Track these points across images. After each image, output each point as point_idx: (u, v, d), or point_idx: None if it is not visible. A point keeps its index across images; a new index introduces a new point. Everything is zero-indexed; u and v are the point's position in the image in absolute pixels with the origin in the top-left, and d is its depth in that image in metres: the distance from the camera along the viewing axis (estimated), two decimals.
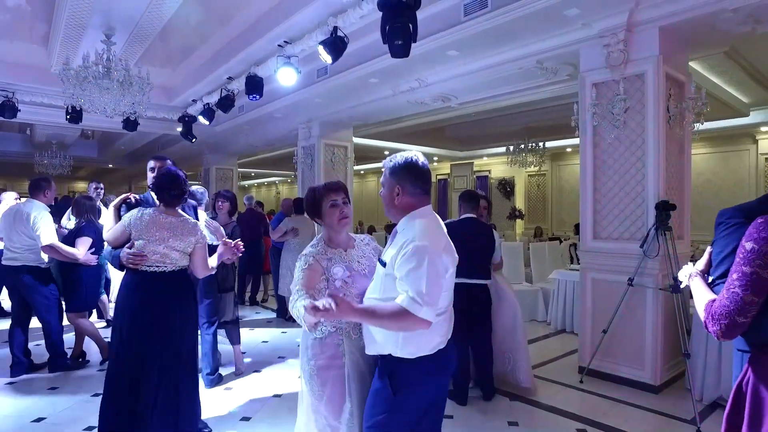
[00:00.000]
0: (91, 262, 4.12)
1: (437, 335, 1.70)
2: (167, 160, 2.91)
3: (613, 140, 4.06)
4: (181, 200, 2.66)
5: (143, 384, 2.49)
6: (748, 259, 1.23)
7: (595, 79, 4.16)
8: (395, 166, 1.74)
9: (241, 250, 2.76)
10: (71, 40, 5.04)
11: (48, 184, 4.18)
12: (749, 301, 1.22)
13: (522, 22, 4.12)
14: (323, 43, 4.15)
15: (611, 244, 4.11)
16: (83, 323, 4.26)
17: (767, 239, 1.21)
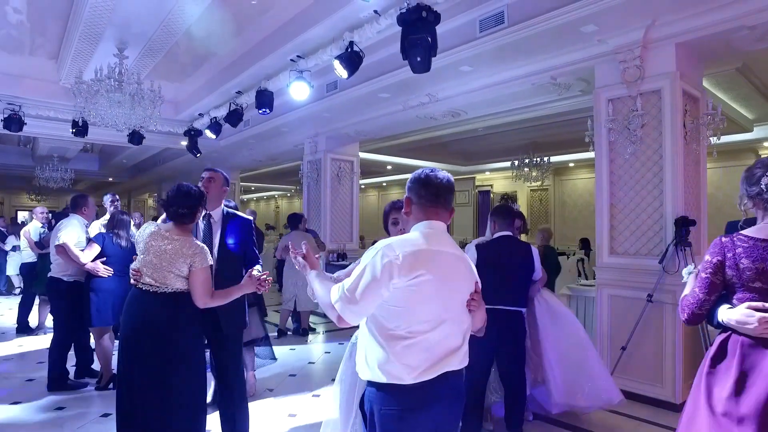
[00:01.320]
0: (96, 271, 3.92)
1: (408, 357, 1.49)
2: (219, 172, 2.87)
3: (629, 156, 4.05)
4: (188, 218, 2.46)
5: (131, 407, 2.37)
6: (704, 268, 1.67)
7: (610, 95, 4.17)
8: (410, 179, 1.71)
9: (268, 284, 2.48)
10: (84, 53, 5.03)
11: (84, 200, 4.35)
12: (704, 300, 1.66)
13: (538, 38, 4.15)
14: (339, 57, 4.15)
15: (628, 259, 4.08)
16: (102, 341, 4.05)
17: (716, 254, 1.65)
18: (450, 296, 1.55)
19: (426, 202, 1.62)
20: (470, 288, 1.63)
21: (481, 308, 1.67)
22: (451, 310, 1.55)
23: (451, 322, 1.55)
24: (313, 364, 4.97)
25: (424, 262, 1.49)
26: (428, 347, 1.50)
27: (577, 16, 3.78)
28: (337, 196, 7.95)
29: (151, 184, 15.09)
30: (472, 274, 1.67)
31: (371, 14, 4.03)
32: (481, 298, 1.67)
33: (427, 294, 1.49)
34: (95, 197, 19.22)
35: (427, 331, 1.50)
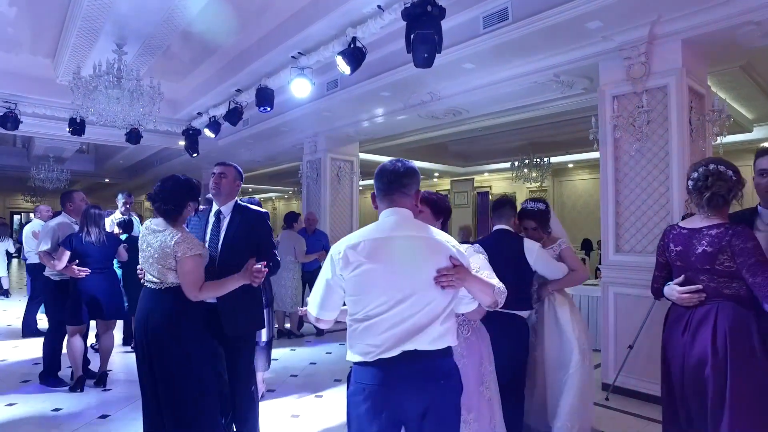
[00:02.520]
0: (73, 273, 3.85)
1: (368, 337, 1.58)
2: (232, 166, 2.76)
3: (635, 153, 4.02)
4: (173, 214, 2.36)
5: (145, 405, 2.42)
6: (656, 250, 2.36)
7: (614, 92, 4.14)
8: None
9: (262, 276, 2.39)
10: (82, 49, 4.96)
11: (68, 197, 4.32)
12: (656, 276, 2.37)
13: (542, 35, 4.11)
14: (342, 53, 4.10)
15: (634, 257, 4.04)
16: (71, 341, 3.95)
17: (661, 238, 2.30)
18: (404, 277, 1.58)
19: (382, 192, 1.70)
20: (438, 265, 1.61)
21: (470, 282, 1.65)
22: (409, 290, 1.57)
23: (412, 302, 1.57)
24: (314, 364, 4.90)
25: (363, 251, 1.58)
26: (388, 327, 1.56)
27: (582, 11, 3.75)
28: (336, 196, 7.90)
29: (149, 184, 14.97)
30: (440, 253, 1.63)
31: (374, 9, 3.98)
32: (462, 272, 1.62)
33: (372, 280, 1.58)
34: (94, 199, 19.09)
35: (382, 313, 1.56)
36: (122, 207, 5.46)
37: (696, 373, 2.05)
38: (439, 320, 1.60)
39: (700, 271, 2.09)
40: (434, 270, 1.60)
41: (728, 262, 2.00)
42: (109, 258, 4.16)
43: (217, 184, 2.66)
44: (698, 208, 2.18)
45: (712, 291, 2.07)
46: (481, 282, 1.69)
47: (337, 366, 4.82)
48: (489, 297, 1.70)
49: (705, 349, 2.02)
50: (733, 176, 2.12)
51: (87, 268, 3.89)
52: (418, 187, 1.76)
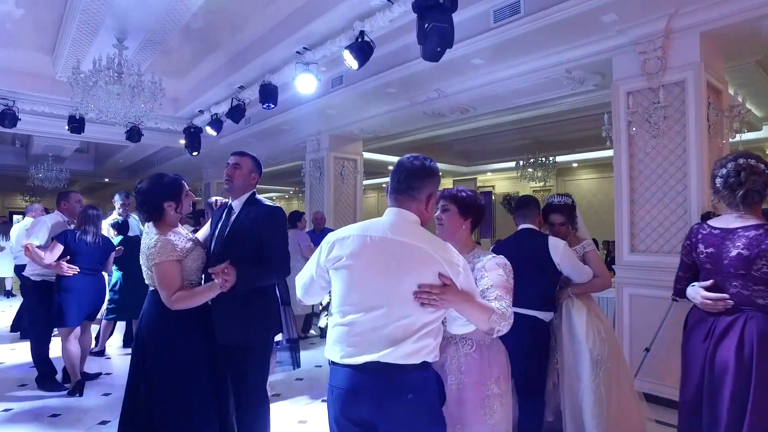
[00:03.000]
0: (61, 270, 3.72)
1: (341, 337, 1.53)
2: (248, 156, 2.48)
3: (650, 150, 3.91)
4: (153, 217, 2.29)
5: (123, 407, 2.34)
6: (681, 250, 2.28)
7: (629, 87, 4.03)
8: None
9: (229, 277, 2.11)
10: (81, 43, 4.84)
11: (64, 196, 4.22)
12: (680, 276, 2.27)
13: (555, 29, 4.00)
14: (350, 47, 3.99)
15: (650, 257, 3.93)
16: (66, 344, 3.80)
17: (687, 238, 2.21)
18: (383, 284, 1.48)
19: (391, 188, 1.62)
20: (422, 279, 1.47)
21: (459, 305, 1.51)
22: (386, 298, 1.48)
23: (387, 311, 1.47)
24: (320, 367, 4.78)
25: (348, 246, 1.52)
26: (359, 332, 1.48)
27: (597, 4, 3.65)
28: (340, 195, 7.78)
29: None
30: (427, 266, 1.49)
31: (383, 2, 3.87)
32: (449, 293, 1.48)
33: (350, 278, 1.51)
34: (93, 199, 18.98)
35: (353, 313, 1.49)
36: (120, 208, 5.32)
37: (717, 380, 1.94)
38: (414, 337, 1.46)
39: (732, 276, 1.95)
40: (416, 283, 1.47)
41: (767, 268, 1.86)
42: (100, 261, 4.01)
43: (229, 176, 2.40)
44: (730, 207, 2.06)
45: (743, 299, 1.92)
46: (475, 306, 1.52)
47: None
48: (483, 323, 1.53)
49: (728, 357, 1.91)
50: (766, 169, 1.99)
51: (76, 267, 3.77)
52: (434, 190, 1.62)
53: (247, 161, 2.45)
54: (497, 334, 1.56)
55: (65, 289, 3.77)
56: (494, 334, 1.56)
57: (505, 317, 1.55)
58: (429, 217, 1.63)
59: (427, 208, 1.60)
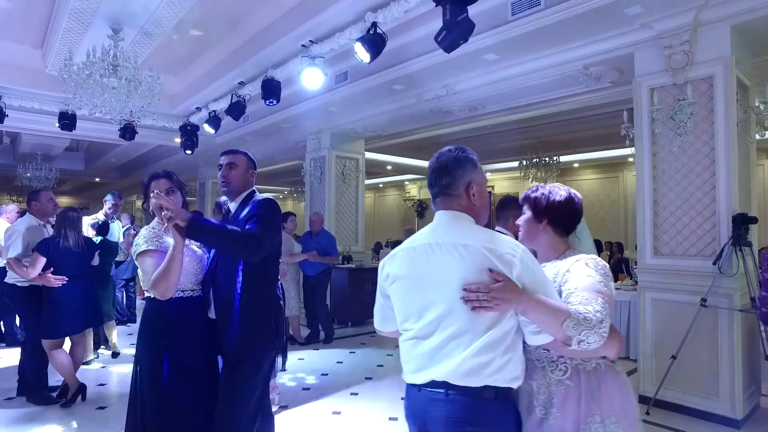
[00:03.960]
0: (48, 282, 3.50)
1: (405, 356, 1.47)
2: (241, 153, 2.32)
3: (675, 149, 3.75)
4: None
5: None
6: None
7: (652, 83, 3.88)
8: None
9: (168, 205, 1.94)
10: (74, 33, 4.57)
11: (34, 196, 3.96)
12: (764, 297, 2.00)
13: (576, 22, 3.83)
14: (361, 39, 3.78)
15: (674, 260, 3.77)
16: (54, 355, 3.59)
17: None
18: (432, 294, 1.36)
19: (430, 192, 1.51)
20: (469, 279, 1.31)
21: (523, 306, 1.29)
22: (436, 308, 1.35)
23: (439, 323, 1.34)
24: (326, 375, 4.57)
25: (396, 263, 1.47)
26: (417, 349, 1.39)
27: None
28: (342, 195, 7.57)
29: (141, 185, 14.49)
30: (473, 264, 1.32)
31: None
32: (505, 292, 1.27)
33: (402, 294, 1.45)
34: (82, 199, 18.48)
35: (410, 330, 1.41)
36: (110, 208, 5.08)
37: None
38: (470, 351, 1.29)
39: None
40: (463, 285, 1.30)
41: None
42: (86, 264, 3.82)
43: (225, 177, 2.23)
44: None
45: None
46: (541, 306, 1.28)
47: (352, 377, 4.50)
48: (556, 330, 1.27)
49: None
50: None
51: (63, 276, 3.55)
52: (472, 177, 1.44)
53: (241, 159, 2.29)
54: (580, 346, 1.27)
55: (54, 300, 3.56)
56: (574, 345, 1.27)
57: (588, 324, 1.25)
58: (480, 206, 1.45)
59: (472, 200, 1.43)
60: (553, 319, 1.27)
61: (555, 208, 1.55)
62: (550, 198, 1.57)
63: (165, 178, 2.25)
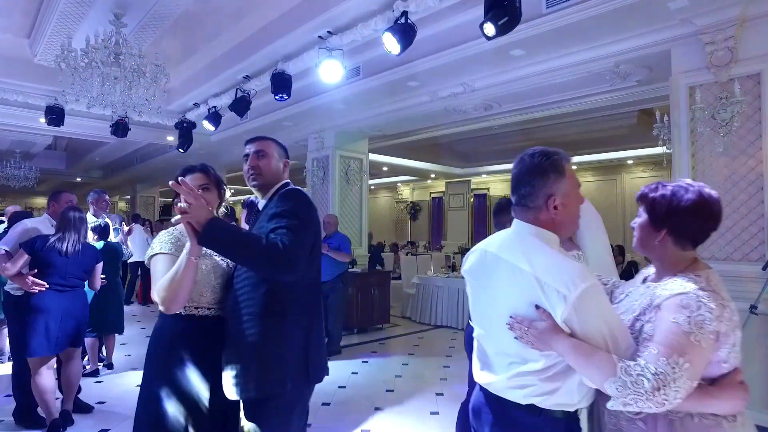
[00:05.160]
0: (25, 284, 3.06)
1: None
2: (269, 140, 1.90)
3: (715, 149, 3.60)
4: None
5: None
6: None
7: (691, 81, 3.72)
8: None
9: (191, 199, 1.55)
10: (70, 19, 4.19)
11: (54, 196, 3.60)
12: None
13: (614, 16, 3.66)
14: (391, 29, 3.53)
15: (716, 265, 3.55)
16: (36, 378, 3.08)
17: None
18: (486, 306, 1.38)
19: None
20: (515, 309, 1.25)
21: (559, 349, 1.18)
22: (488, 321, 1.36)
23: (488, 334, 1.37)
24: (344, 388, 4.28)
25: (469, 261, 1.44)
26: (479, 350, 1.42)
27: None
28: (345, 197, 7.28)
29: (125, 185, 13.93)
30: (523, 294, 1.23)
31: None
32: (543, 333, 1.18)
33: (470, 293, 1.45)
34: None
35: (477, 330, 1.42)
36: (94, 208, 4.39)
37: None
38: (510, 372, 1.27)
39: None
40: (509, 311, 1.26)
41: None
42: (79, 275, 3.28)
43: (254, 168, 1.82)
44: None
45: None
46: (582, 358, 1.13)
47: (371, 389, 4.23)
48: (600, 384, 1.12)
49: None
50: None
51: (43, 282, 3.07)
52: (555, 189, 1.27)
53: (271, 145, 1.88)
54: (626, 409, 1.12)
55: (32, 309, 3.07)
56: (618, 407, 1.12)
57: (639, 388, 1.06)
58: (562, 220, 1.30)
59: (553, 213, 1.28)
60: (597, 375, 1.13)
61: (679, 215, 1.26)
62: (673, 202, 1.28)
63: (201, 172, 1.91)
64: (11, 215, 4.23)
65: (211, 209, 1.65)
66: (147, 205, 14.05)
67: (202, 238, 1.53)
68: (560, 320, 1.16)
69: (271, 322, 1.66)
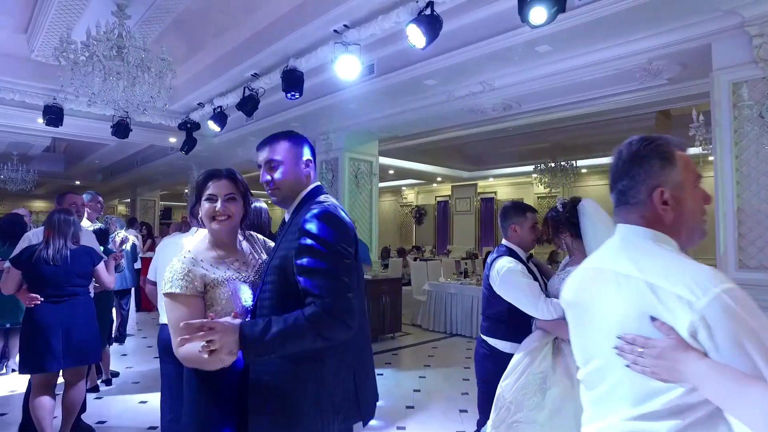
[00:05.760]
0: (25, 301, 2.86)
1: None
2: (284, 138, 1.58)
3: (763, 149, 3.35)
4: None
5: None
6: None
7: (735, 77, 3.48)
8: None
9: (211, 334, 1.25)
10: (71, 10, 3.95)
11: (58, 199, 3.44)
12: None
13: (652, 8, 3.42)
14: (417, 21, 3.28)
15: (765, 274, 3.36)
16: (34, 397, 2.89)
17: None
18: (590, 332, 1.09)
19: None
20: (625, 328, 0.97)
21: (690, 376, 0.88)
22: (593, 351, 1.08)
23: (591, 371, 1.08)
24: None
25: (569, 285, 1.20)
26: (586, 399, 1.11)
27: None
28: (355, 200, 7.03)
29: (124, 188, 13.65)
30: (636, 306, 0.96)
31: None
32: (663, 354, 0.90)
33: (571, 325, 1.18)
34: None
35: (581, 372, 1.13)
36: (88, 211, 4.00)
37: None
38: (621, 415, 0.98)
39: None
40: (617, 332, 0.99)
41: None
42: (75, 281, 2.98)
43: (267, 184, 1.55)
44: None
45: None
46: (727, 380, 0.84)
47: (391, 405, 3.97)
48: (756, 424, 0.82)
49: None
50: None
51: (37, 296, 2.85)
52: (657, 180, 1.04)
53: (284, 147, 1.54)
54: None
55: (31, 325, 2.86)
56: None
57: None
58: (678, 218, 1.04)
59: (662, 209, 1.04)
60: (759, 414, 0.80)
61: None
62: None
63: (228, 179, 1.63)
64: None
65: (233, 322, 1.30)
66: (147, 208, 13.78)
67: (247, 359, 1.30)
68: (687, 334, 0.88)
69: (304, 367, 1.37)
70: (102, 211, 4.26)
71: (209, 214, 1.59)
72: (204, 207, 1.61)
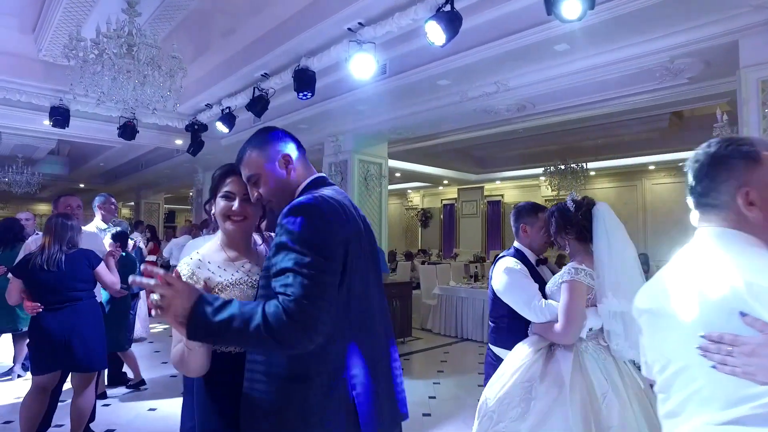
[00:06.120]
0: (27, 309, 2.80)
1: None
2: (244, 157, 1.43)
3: None
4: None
5: None
6: None
7: (764, 75, 3.39)
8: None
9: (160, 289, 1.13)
10: (80, 8, 3.87)
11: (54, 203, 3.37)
12: None
13: (674, 5, 3.33)
14: (437, 17, 3.19)
15: None
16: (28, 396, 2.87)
17: None
18: (671, 335, 1.00)
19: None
20: (709, 326, 0.90)
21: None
22: (670, 354, 1.00)
23: (668, 376, 1.00)
24: None
25: (641, 291, 1.13)
26: (662, 410, 1.03)
27: None
28: (364, 203, 6.93)
29: (129, 191, 13.59)
30: (720, 302, 0.89)
31: None
32: (748, 349, 0.84)
33: (645, 332, 1.10)
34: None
35: (656, 381, 1.05)
36: (102, 213, 3.93)
37: None
38: (693, 422, 0.91)
39: None
40: (699, 330, 0.90)
41: None
42: (74, 286, 2.86)
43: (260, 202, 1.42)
44: None
45: None
46: None
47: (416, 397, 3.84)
48: None
49: None
50: None
51: (38, 304, 2.78)
52: (740, 180, 0.99)
53: (253, 158, 1.37)
54: None
55: (35, 332, 2.83)
56: None
57: None
58: (763, 216, 0.98)
59: (746, 210, 0.98)
60: None
61: None
62: None
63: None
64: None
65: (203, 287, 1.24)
66: (151, 211, 13.71)
67: (189, 334, 1.13)
68: None
69: (290, 386, 1.22)
70: (116, 213, 4.15)
71: (224, 212, 1.44)
72: (219, 204, 1.45)
